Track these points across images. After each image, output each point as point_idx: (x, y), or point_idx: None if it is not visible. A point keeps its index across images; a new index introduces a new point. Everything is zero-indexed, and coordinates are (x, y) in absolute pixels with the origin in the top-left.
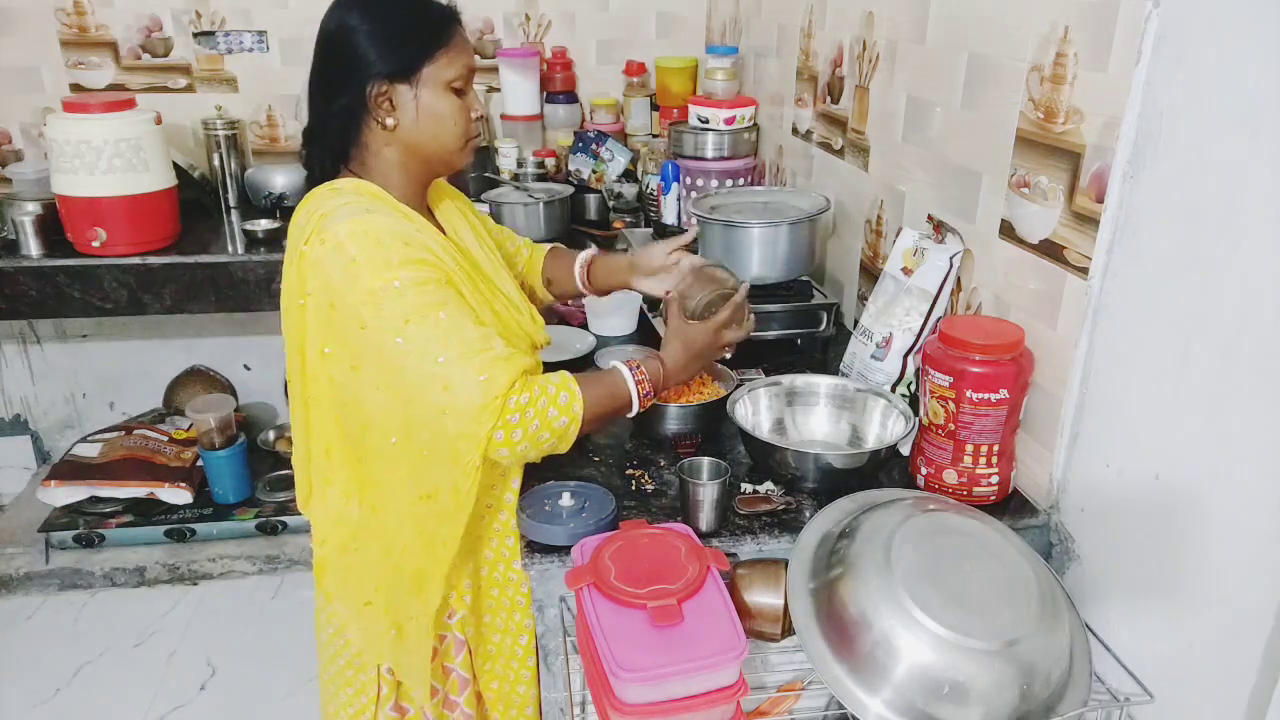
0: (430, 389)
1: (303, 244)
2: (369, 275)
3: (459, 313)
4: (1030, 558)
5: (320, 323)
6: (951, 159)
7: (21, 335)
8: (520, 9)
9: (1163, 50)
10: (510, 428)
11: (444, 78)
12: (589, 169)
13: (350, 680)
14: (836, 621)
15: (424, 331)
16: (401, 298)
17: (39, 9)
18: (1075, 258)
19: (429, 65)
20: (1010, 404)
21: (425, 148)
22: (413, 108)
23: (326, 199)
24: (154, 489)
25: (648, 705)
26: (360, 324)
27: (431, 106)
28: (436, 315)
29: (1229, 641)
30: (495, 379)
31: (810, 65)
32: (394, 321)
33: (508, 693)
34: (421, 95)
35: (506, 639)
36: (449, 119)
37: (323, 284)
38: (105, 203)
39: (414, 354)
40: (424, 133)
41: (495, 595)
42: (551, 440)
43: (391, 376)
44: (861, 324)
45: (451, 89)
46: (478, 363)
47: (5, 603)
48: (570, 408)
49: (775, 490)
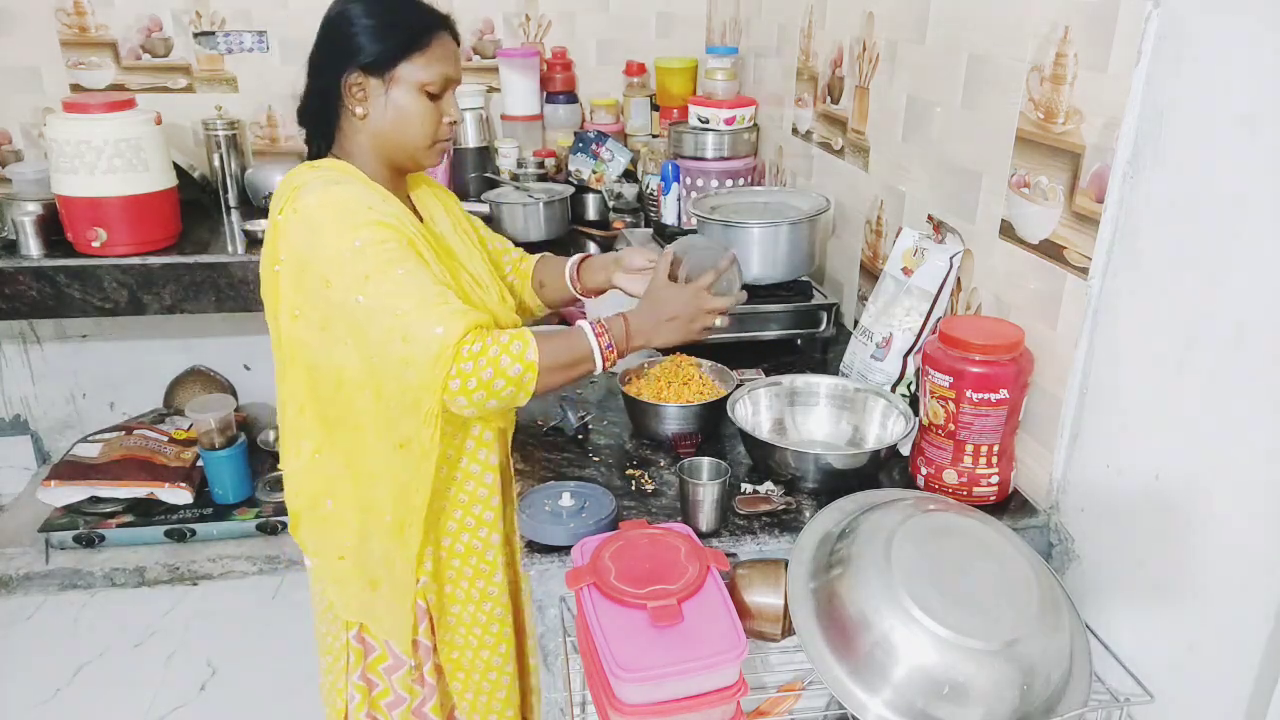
0: (391, 342)
1: (278, 214)
2: (333, 237)
3: (417, 270)
4: (1030, 558)
5: (292, 287)
6: (951, 159)
7: (22, 335)
8: (520, 9)
9: (1163, 50)
10: (465, 376)
11: (418, 79)
12: (589, 169)
13: (329, 648)
14: (836, 622)
15: (382, 286)
16: (362, 256)
17: (39, 9)
18: (1075, 258)
19: (404, 64)
20: (1010, 404)
21: (391, 141)
22: (382, 102)
23: (303, 174)
24: (154, 489)
25: (648, 705)
26: (325, 283)
27: (400, 104)
28: (395, 271)
29: (1229, 641)
30: (450, 329)
31: (810, 65)
32: (355, 279)
33: (471, 660)
34: (392, 92)
35: (468, 608)
36: (415, 119)
37: (293, 249)
38: (105, 203)
39: (374, 309)
40: (390, 127)
41: (457, 566)
42: (509, 388)
43: (356, 333)
44: (861, 324)
45: (425, 92)
46: (434, 315)
47: (5, 603)
48: (524, 355)
49: (775, 490)
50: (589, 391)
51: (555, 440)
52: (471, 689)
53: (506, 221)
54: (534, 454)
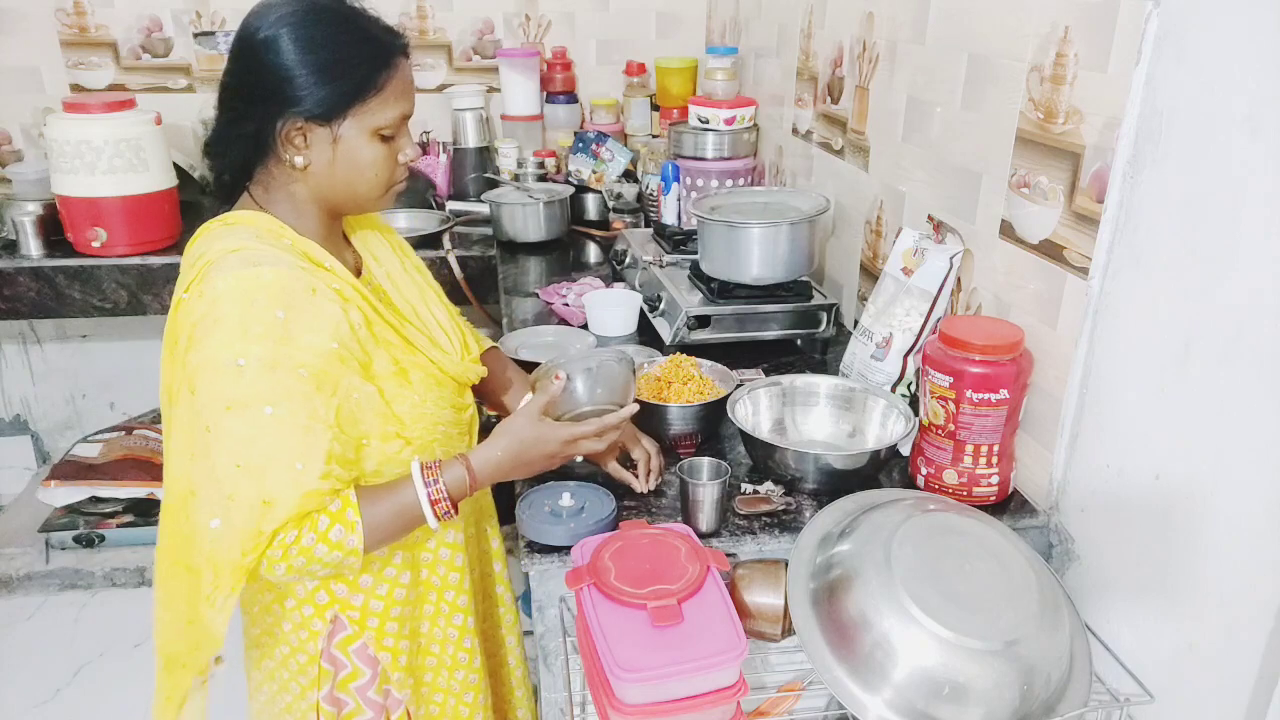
0: (215, 491)
1: (183, 290)
2: (224, 341)
3: (290, 413)
4: (1030, 558)
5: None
6: (951, 159)
7: (22, 336)
8: (520, 9)
9: (1163, 50)
10: (273, 561)
11: (371, 124)
12: (589, 169)
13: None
14: (836, 622)
15: (238, 428)
16: (239, 378)
17: (39, 9)
18: (1075, 258)
19: (356, 109)
20: (1010, 404)
21: (336, 192)
22: (328, 151)
23: (215, 240)
24: (154, 489)
25: (648, 705)
26: (190, 388)
27: (350, 154)
28: (262, 410)
29: (1229, 641)
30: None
31: (810, 65)
32: (217, 403)
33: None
34: (342, 140)
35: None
36: (368, 169)
37: (188, 338)
38: (105, 203)
39: (216, 447)
40: (337, 179)
41: (436, 652)
42: (327, 570)
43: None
44: (861, 324)
45: (379, 135)
46: (270, 482)
47: (5, 603)
48: (344, 543)
49: (775, 490)
50: None
51: None
52: None
53: (506, 221)
54: None
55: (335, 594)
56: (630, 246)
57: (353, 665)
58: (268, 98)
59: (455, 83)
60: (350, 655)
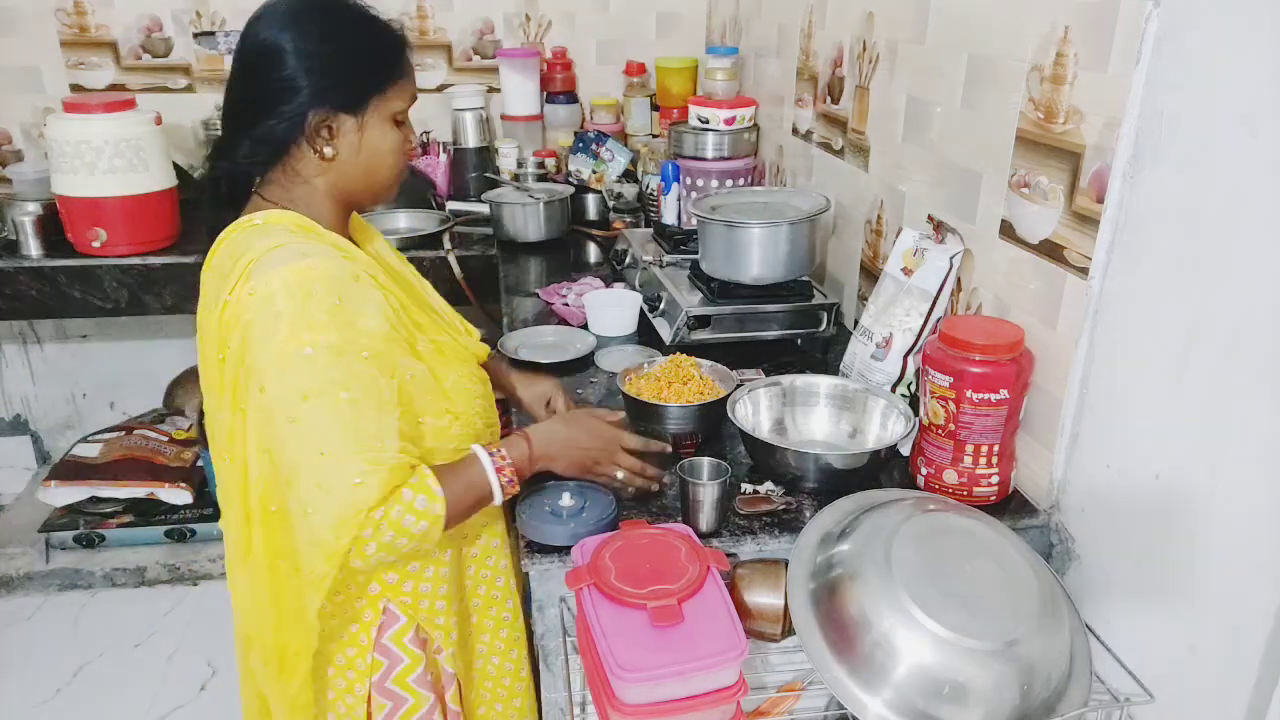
0: (305, 479)
1: (227, 293)
2: (287, 333)
3: (364, 395)
4: (1030, 558)
5: (236, 381)
6: (951, 159)
7: (22, 335)
8: (520, 9)
9: (1163, 50)
10: (363, 542)
11: (391, 110)
12: (589, 169)
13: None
14: (837, 622)
15: (317, 416)
16: (311, 368)
17: (39, 9)
18: (1075, 258)
19: (378, 97)
20: (1010, 404)
21: (359, 182)
22: (356, 141)
23: (253, 239)
24: (154, 489)
25: (648, 705)
26: (260, 387)
27: (375, 142)
28: (338, 395)
29: (1229, 642)
30: (366, 491)
31: (810, 65)
32: (293, 395)
33: (504, 712)
34: (367, 129)
35: (493, 659)
36: (389, 155)
37: (243, 338)
38: (105, 203)
39: (300, 437)
40: (362, 167)
41: (477, 621)
42: (412, 543)
43: (277, 453)
44: (861, 324)
45: (395, 121)
46: (357, 464)
47: (5, 603)
48: (429, 511)
49: (775, 490)
50: (589, 392)
51: None
52: None
53: (506, 221)
54: None
55: (386, 582)
56: (630, 246)
57: (409, 655)
58: (291, 95)
59: (455, 83)
60: (405, 645)
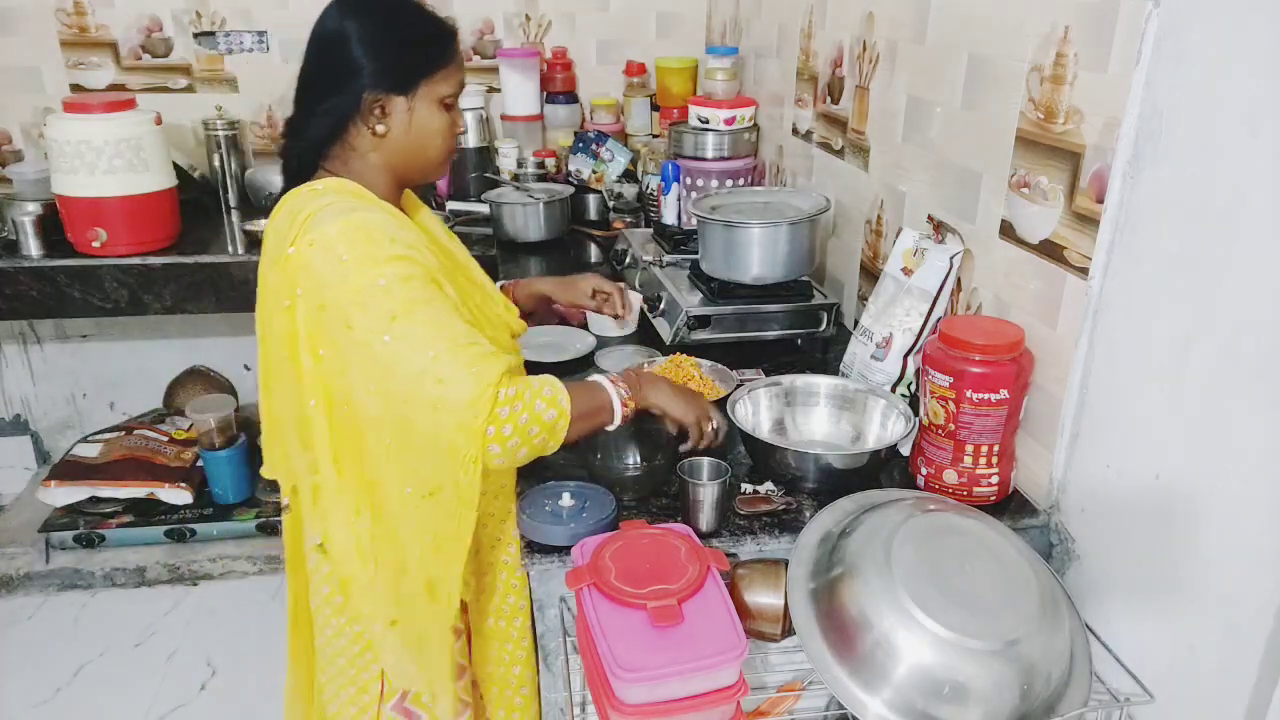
0: (422, 384)
1: (289, 246)
2: (356, 273)
3: (444, 309)
4: (1030, 558)
5: (311, 326)
6: (951, 159)
7: (22, 335)
8: (520, 9)
9: (1163, 50)
10: (500, 422)
11: (439, 94)
12: (589, 169)
13: (352, 679)
14: (837, 622)
15: (411, 329)
16: (388, 295)
17: (39, 9)
18: (1075, 258)
19: (427, 81)
20: (1010, 404)
21: (410, 159)
22: (405, 120)
23: (308, 200)
24: (154, 489)
25: (648, 705)
26: (347, 324)
27: (423, 122)
28: (423, 312)
29: (1229, 641)
30: (485, 371)
31: (810, 65)
32: (381, 319)
33: (504, 675)
34: (416, 109)
35: (500, 622)
36: (437, 135)
37: (312, 285)
38: (105, 203)
39: (403, 351)
40: (412, 145)
41: (488, 580)
42: (541, 435)
43: (382, 375)
44: (861, 324)
45: (443, 105)
46: (466, 357)
47: (5, 603)
48: (557, 400)
49: (775, 490)
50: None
51: None
52: (504, 706)
53: (506, 221)
54: None
55: None
56: (630, 246)
57: None
58: (351, 76)
59: None
60: None
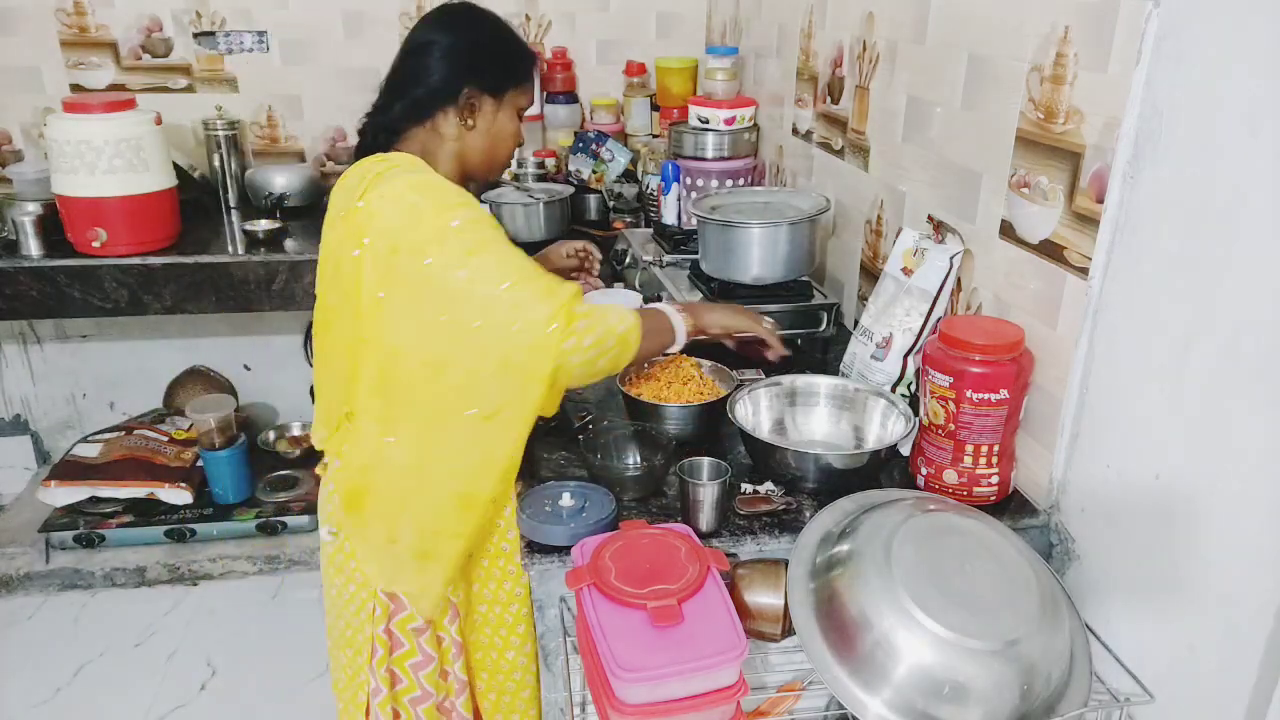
0: (498, 310)
1: (358, 200)
2: (432, 215)
3: (512, 248)
4: (1030, 558)
5: (380, 269)
6: (951, 159)
7: (22, 335)
8: (520, 9)
9: (1163, 50)
10: (580, 334)
11: (519, 104)
12: (589, 169)
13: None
14: (837, 622)
15: (485, 261)
16: (462, 234)
17: (39, 9)
18: (1075, 258)
19: (513, 90)
20: (1010, 404)
21: (482, 154)
22: (490, 119)
23: (375, 165)
24: (154, 489)
25: (648, 705)
26: (425, 258)
27: (503, 124)
28: (494, 248)
29: (1229, 641)
30: (558, 292)
31: (810, 65)
32: (458, 255)
33: (495, 661)
34: (501, 112)
35: (495, 608)
36: (509, 139)
37: (384, 230)
38: (105, 203)
39: (479, 282)
40: (488, 142)
41: (485, 565)
42: (615, 349)
43: (455, 307)
44: (861, 324)
45: (519, 113)
46: (539, 285)
47: (5, 603)
48: (625, 317)
49: (775, 490)
50: (590, 391)
51: (555, 440)
52: (495, 689)
53: (506, 221)
54: (534, 453)
55: None
56: (630, 246)
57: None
58: (457, 71)
59: None
60: None
